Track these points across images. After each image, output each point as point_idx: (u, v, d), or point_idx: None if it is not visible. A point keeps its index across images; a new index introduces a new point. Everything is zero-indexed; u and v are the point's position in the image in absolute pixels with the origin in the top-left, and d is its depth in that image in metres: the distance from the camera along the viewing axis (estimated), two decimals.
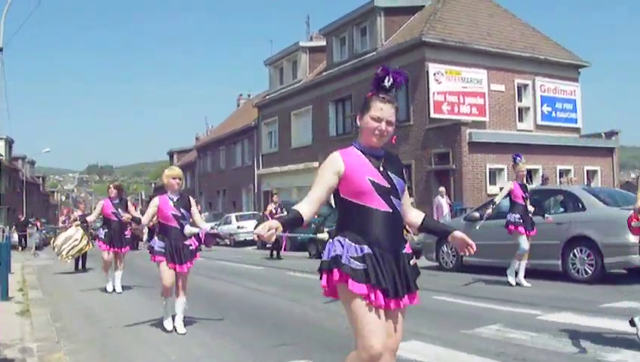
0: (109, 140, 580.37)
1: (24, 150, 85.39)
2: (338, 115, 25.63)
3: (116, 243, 9.72)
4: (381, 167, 2.83)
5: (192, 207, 6.28)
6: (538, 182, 18.17)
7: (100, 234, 9.90)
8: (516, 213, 8.72)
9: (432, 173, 19.67)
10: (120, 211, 9.79)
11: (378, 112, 2.80)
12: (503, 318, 6.15)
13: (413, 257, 2.93)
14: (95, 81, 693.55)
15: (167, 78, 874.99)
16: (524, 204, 8.76)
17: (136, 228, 15.93)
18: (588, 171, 21.79)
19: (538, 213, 8.91)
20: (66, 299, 9.56)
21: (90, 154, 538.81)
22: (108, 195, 10.01)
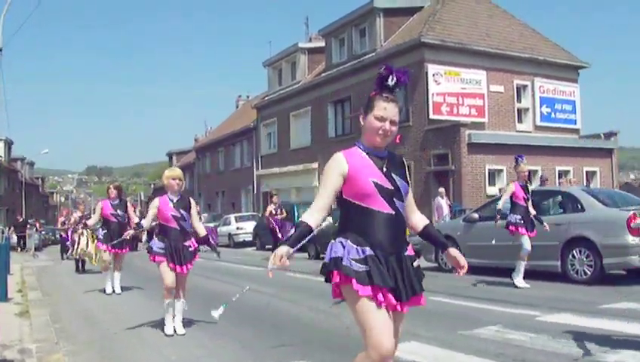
0: (108, 141, 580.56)
1: (23, 151, 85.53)
2: (337, 116, 25.62)
3: (115, 244, 9.71)
4: (384, 168, 2.80)
5: (192, 209, 6.25)
6: (537, 183, 18.18)
7: (99, 234, 9.89)
8: (517, 214, 8.69)
9: (431, 174, 19.68)
10: (119, 212, 9.81)
11: (382, 112, 2.77)
12: (501, 319, 6.15)
13: (416, 259, 2.91)
14: (94, 82, 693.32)
15: (167, 78, 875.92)
16: (525, 205, 8.72)
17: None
18: (587, 172, 21.80)
19: (536, 217, 8.87)
20: (66, 300, 9.57)
21: (90, 155, 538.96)
22: (108, 196, 9.98)
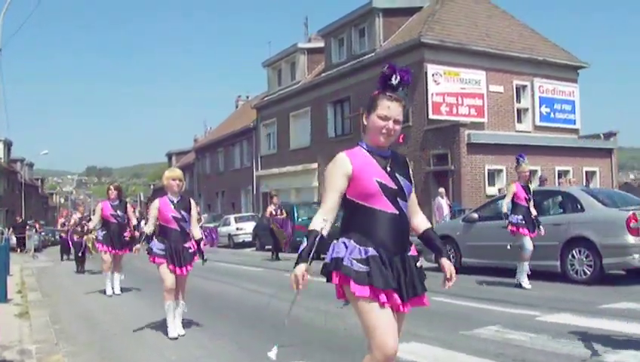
0: (107, 142, 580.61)
1: (23, 152, 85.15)
2: (337, 117, 25.63)
3: (115, 245, 9.70)
4: (388, 168, 2.78)
5: (192, 210, 6.23)
6: (536, 183, 18.18)
7: (99, 235, 9.87)
8: (519, 215, 8.60)
9: (430, 174, 19.68)
10: (119, 213, 9.79)
11: (385, 111, 2.74)
12: (501, 319, 6.15)
13: (419, 260, 2.90)
14: (94, 82, 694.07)
15: (167, 78, 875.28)
16: (526, 205, 8.63)
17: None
18: (586, 172, 21.82)
19: (535, 219, 8.74)
20: (65, 301, 9.56)
21: (89, 155, 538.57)
22: (108, 196, 9.94)
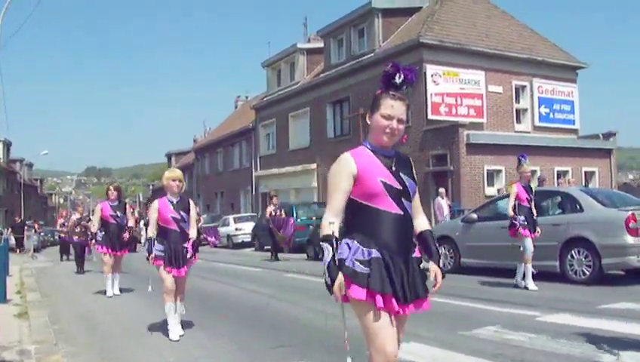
0: (107, 142, 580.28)
1: (22, 152, 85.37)
2: (336, 117, 25.63)
3: (115, 246, 9.68)
4: (393, 167, 2.75)
5: (191, 211, 6.21)
6: (535, 184, 18.19)
7: (98, 236, 9.84)
8: (521, 215, 8.53)
9: (429, 175, 19.68)
10: (119, 213, 9.78)
11: (389, 110, 2.71)
12: (500, 319, 6.16)
13: (422, 261, 2.87)
14: (94, 82, 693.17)
15: (166, 78, 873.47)
16: (528, 206, 8.58)
17: (135, 230, 16.13)
18: (586, 172, 21.84)
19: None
20: (65, 301, 9.56)
21: (88, 156, 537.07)
22: (107, 197, 9.91)
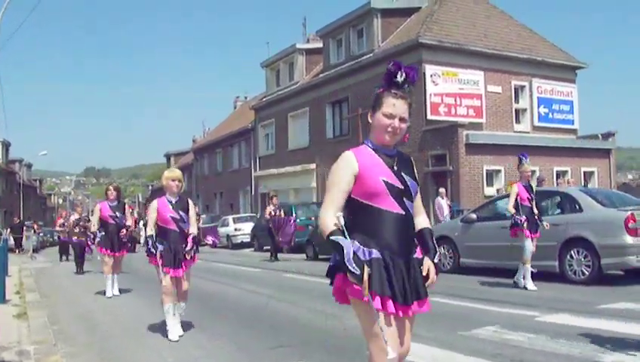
0: (106, 143, 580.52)
1: (21, 153, 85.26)
2: (335, 117, 25.63)
3: (114, 247, 9.67)
4: (395, 167, 2.72)
5: (191, 211, 6.21)
6: (534, 184, 18.20)
7: (97, 237, 9.81)
8: (522, 215, 8.49)
9: (429, 175, 19.67)
10: (118, 214, 9.76)
11: (390, 109, 2.68)
12: (500, 319, 6.16)
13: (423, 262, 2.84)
14: (94, 82, 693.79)
15: (166, 78, 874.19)
16: (529, 205, 8.55)
17: (134, 231, 16.15)
18: (585, 172, 21.84)
19: (537, 217, 8.75)
20: (64, 301, 9.55)
21: (88, 156, 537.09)
22: (107, 197, 9.87)
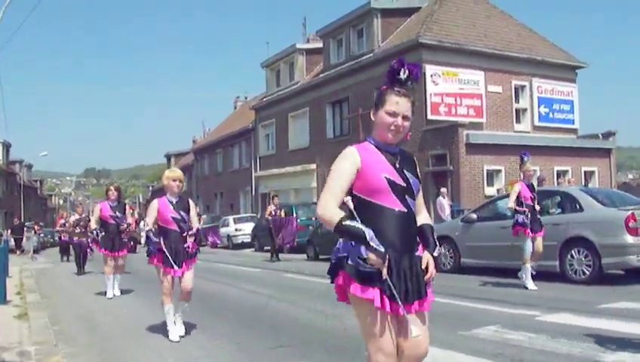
0: (106, 143, 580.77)
1: (21, 153, 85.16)
2: (335, 117, 25.64)
3: (115, 247, 9.66)
4: (397, 164, 2.71)
5: (191, 211, 6.21)
6: (535, 183, 18.20)
7: (97, 236, 9.80)
8: (524, 214, 8.47)
9: (429, 175, 19.66)
10: (118, 214, 9.75)
11: (393, 107, 2.66)
12: (500, 319, 6.15)
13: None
14: (94, 83, 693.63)
15: (166, 78, 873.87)
16: (532, 204, 8.52)
17: (134, 231, 16.17)
18: (585, 172, 21.85)
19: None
20: (65, 302, 9.55)
21: (88, 157, 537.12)
22: (107, 197, 9.83)
